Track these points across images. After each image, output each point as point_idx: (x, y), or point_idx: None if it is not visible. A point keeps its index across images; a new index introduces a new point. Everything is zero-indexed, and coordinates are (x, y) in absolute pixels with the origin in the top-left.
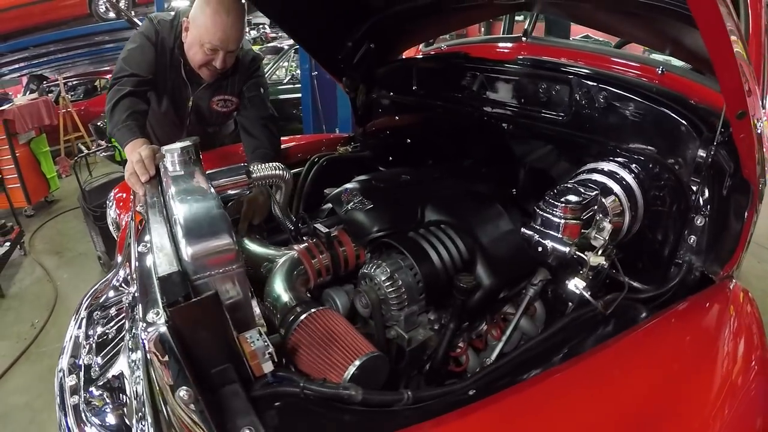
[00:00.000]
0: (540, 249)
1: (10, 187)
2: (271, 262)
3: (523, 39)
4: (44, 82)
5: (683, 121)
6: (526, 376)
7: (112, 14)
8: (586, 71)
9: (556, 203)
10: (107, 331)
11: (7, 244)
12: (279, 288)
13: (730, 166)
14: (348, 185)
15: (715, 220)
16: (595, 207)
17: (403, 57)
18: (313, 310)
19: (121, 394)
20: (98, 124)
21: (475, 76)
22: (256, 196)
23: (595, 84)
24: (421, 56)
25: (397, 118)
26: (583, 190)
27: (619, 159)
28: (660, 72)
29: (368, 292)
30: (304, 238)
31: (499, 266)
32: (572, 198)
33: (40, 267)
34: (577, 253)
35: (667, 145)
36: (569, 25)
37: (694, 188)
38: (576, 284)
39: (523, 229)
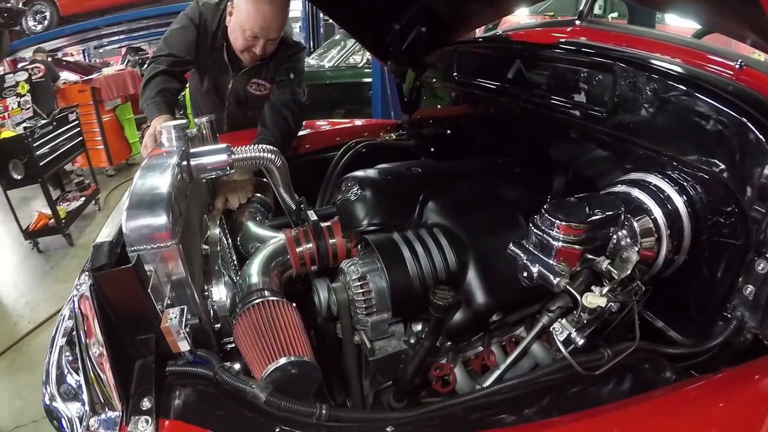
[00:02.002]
0: (525, 274)
1: (95, 149)
2: (261, 243)
3: (577, 22)
4: (138, 54)
5: (753, 127)
6: (472, 428)
7: None
8: (633, 57)
9: (553, 219)
10: None
11: (83, 198)
12: (253, 270)
13: None
14: (352, 173)
15: None
16: (615, 230)
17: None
18: (272, 299)
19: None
20: None
21: (512, 63)
22: (231, 178)
23: (643, 73)
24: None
25: (439, 106)
26: (599, 206)
27: (673, 174)
28: (738, 66)
29: (337, 290)
30: (307, 223)
31: (495, 285)
32: (576, 214)
33: None
34: (567, 287)
35: (729, 159)
36: (654, 14)
37: (759, 219)
38: (557, 328)
39: (511, 246)
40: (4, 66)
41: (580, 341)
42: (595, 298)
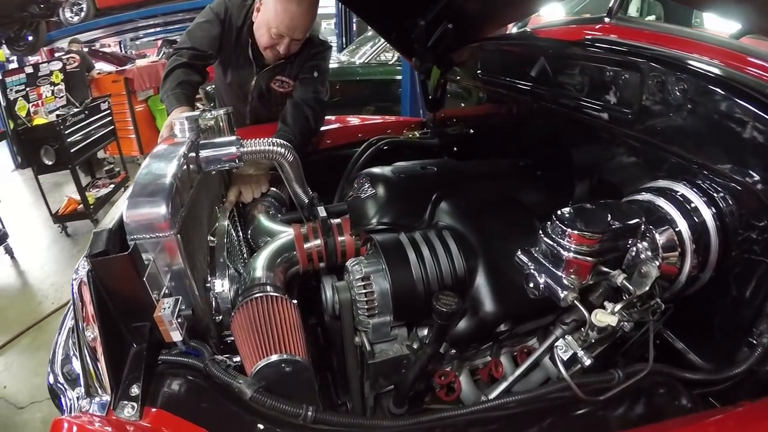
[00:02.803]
0: (531, 285)
1: (127, 137)
2: (270, 237)
3: (606, 20)
4: (172, 47)
5: None
6: None
7: None
8: (662, 55)
9: (565, 227)
10: None
11: (112, 186)
12: (258, 263)
13: None
14: (366, 170)
15: None
16: (634, 241)
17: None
18: (272, 294)
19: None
20: (207, 89)
21: (535, 61)
22: (246, 172)
23: (672, 72)
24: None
25: (463, 105)
26: (617, 215)
27: (703, 183)
28: None
29: (340, 289)
30: (316, 219)
31: (505, 294)
32: (591, 223)
33: None
34: (576, 302)
35: (765, 170)
36: (691, 16)
37: None
38: (561, 345)
39: (518, 254)
40: (42, 55)
41: (587, 361)
42: (605, 316)
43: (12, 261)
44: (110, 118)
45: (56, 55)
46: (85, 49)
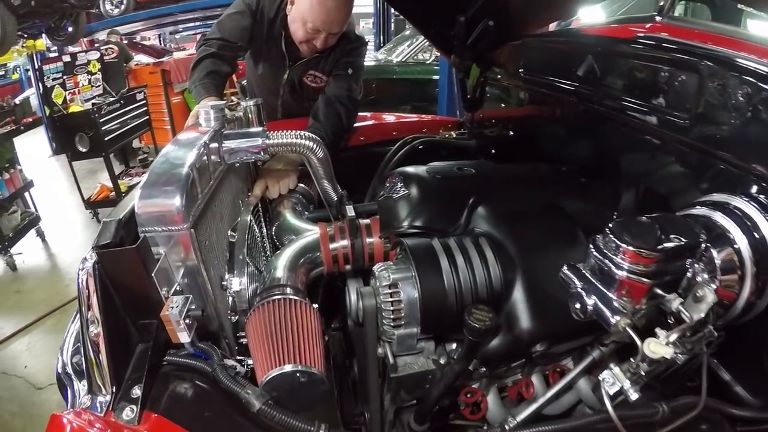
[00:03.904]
0: (578, 305)
1: (163, 128)
2: (295, 235)
3: (657, 18)
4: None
5: None
6: None
7: None
8: (723, 55)
9: (620, 242)
10: None
11: (145, 175)
12: (280, 263)
13: None
14: (399, 169)
15: None
16: (692, 262)
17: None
18: (292, 297)
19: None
20: (242, 83)
21: (583, 59)
22: (274, 167)
23: (735, 74)
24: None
25: (503, 105)
26: (675, 231)
27: (763, 197)
28: None
29: (365, 295)
30: (344, 219)
31: (544, 311)
32: (648, 239)
33: None
34: (628, 329)
35: None
36: (740, 17)
37: None
38: (607, 378)
39: (564, 269)
40: (81, 46)
41: (634, 396)
42: (659, 347)
43: (43, 244)
44: (145, 108)
45: (95, 45)
46: (125, 41)
